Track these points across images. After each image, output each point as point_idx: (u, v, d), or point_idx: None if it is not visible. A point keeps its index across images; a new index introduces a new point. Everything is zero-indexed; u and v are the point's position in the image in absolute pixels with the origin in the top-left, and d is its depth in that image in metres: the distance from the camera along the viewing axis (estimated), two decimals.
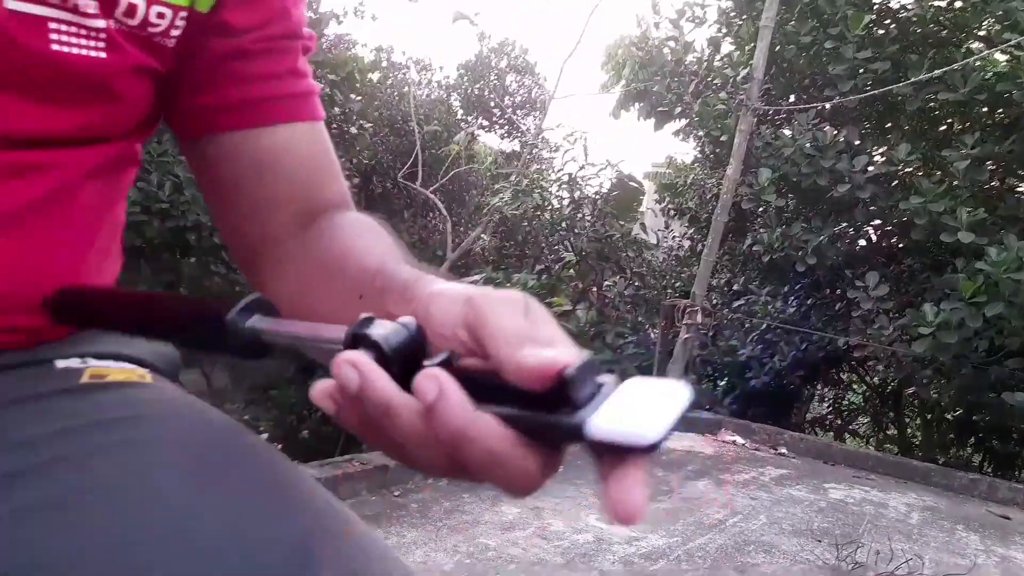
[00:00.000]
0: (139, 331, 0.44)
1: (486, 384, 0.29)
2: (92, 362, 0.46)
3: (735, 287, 6.03)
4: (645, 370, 5.17)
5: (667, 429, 0.24)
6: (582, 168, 6.45)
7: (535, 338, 0.30)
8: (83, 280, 0.48)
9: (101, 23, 0.43)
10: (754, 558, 2.34)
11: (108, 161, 0.48)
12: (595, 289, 5.96)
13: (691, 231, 6.82)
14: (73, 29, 0.42)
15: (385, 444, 0.32)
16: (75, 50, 0.42)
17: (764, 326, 5.43)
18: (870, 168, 4.71)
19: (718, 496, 2.97)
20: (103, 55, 0.43)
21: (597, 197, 6.27)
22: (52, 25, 0.41)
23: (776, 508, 2.87)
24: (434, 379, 0.29)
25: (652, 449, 0.24)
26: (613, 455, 0.25)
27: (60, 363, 0.45)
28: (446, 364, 0.30)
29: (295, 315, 0.48)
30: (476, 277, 5.98)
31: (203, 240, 3.54)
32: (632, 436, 0.23)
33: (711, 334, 5.71)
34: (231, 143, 0.51)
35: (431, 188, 6.51)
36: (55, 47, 0.41)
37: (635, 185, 7.28)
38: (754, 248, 5.14)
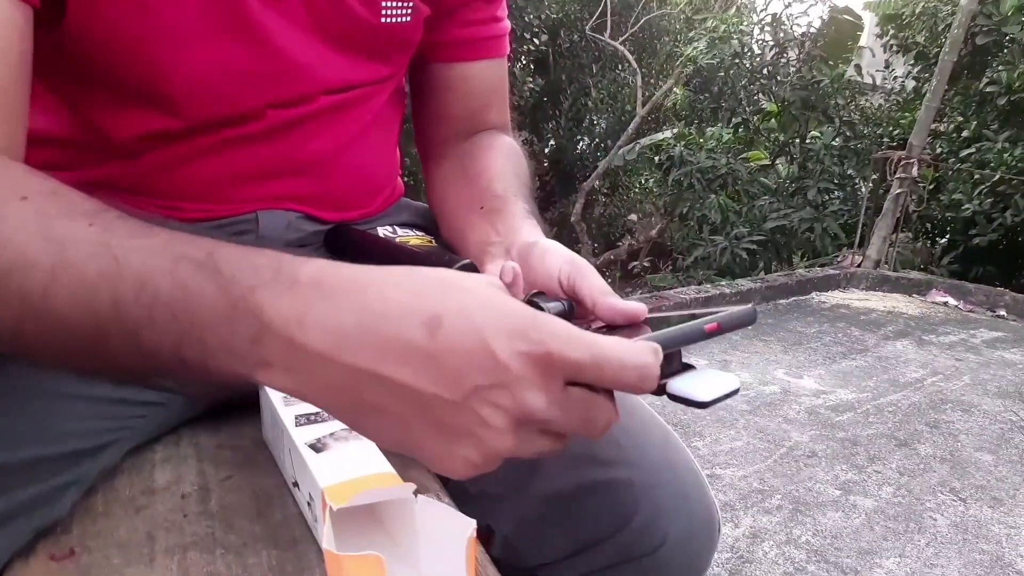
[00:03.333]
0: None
1: None
2: (399, 230, 0.67)
3: (965, 133, 5.37)
4: (849, 229, 4.91)
5: (715, 398, 0.35)
6: (788, 6, 5.89)
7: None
8: (394, 166, 0.71)
9: None
10: (949, 416, 2.33)
11: (398, 87, 0.68)
12: (798, 141, 5.61)
13: (917, 69, 6.05)
14: (393, 3, 0.59)
15: None
16: (395, 19, 0.59)
17: (997, 177, 4.86)
18: None
19: (917, 356, 2.91)
20: (409, 19, 0.60)
21: (805, 39, 5.74)
22: (384, 3, 0.58)
23: (983, 370, 2.77)
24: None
25: (702, 406, 0.35)
26: (677, 402, 0.37)
27: (380, 230, 0.67)
28: (569, 312, 0.45)
29: (437, 201, 0.66)
30: (667, 133, 5.86)
31: None
32: (691, 395, 0.35)
33: (932, 187, 5.22)
34: (435, 69, 0.67)
35: (620, 39, 6.32)
36: (384, 20, 0.59)
37: (851, 19, 6.52)
38: (987, 90, 4.51)
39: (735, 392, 0.35)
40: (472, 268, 0.48)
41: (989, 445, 2.14)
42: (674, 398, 0.35)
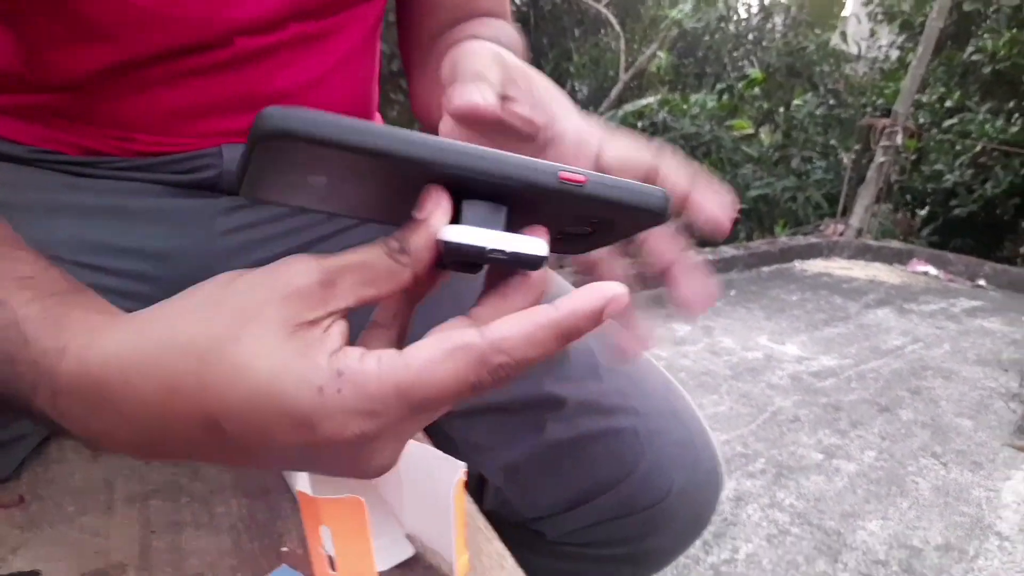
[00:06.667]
0: None
1: None
2: None
3: (948, 104, 5.37)
4: (831, 198, 4.91)
5: (493, 248, 0.25)
6: None
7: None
8: (372, 106, 0.63)
9: None
10: (930, 382, 2.34)
11: (379, 17, 0.60)
12: (782, 109, 5.57)
13: (902, 39, 6.02)
14: None
15: None
16: None
17: (978, 148, 4.87)
18: None
19: (898, 324, 2.92)
20: None
21: (791, 3, 5.68)
22: None
23: (963, 338, 2.78)
24: None
25: (478, 257, 0.26)
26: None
27: None
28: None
29: (414, 96, 0.57)
30: (650, 99, 5.79)
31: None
32: (446, 235, 0.26)
33: (914, 158, 5.22)
34: None
35: (603, 2, 6.21)
36: None
37: None
38: (974, 58, 4.50)
39: (526, 259, 0.26)
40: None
41: (969, 411, 2.15)
42: (448, 250, 0.26)
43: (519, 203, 0.26)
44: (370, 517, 0.38)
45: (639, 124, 5.33)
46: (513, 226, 0.26)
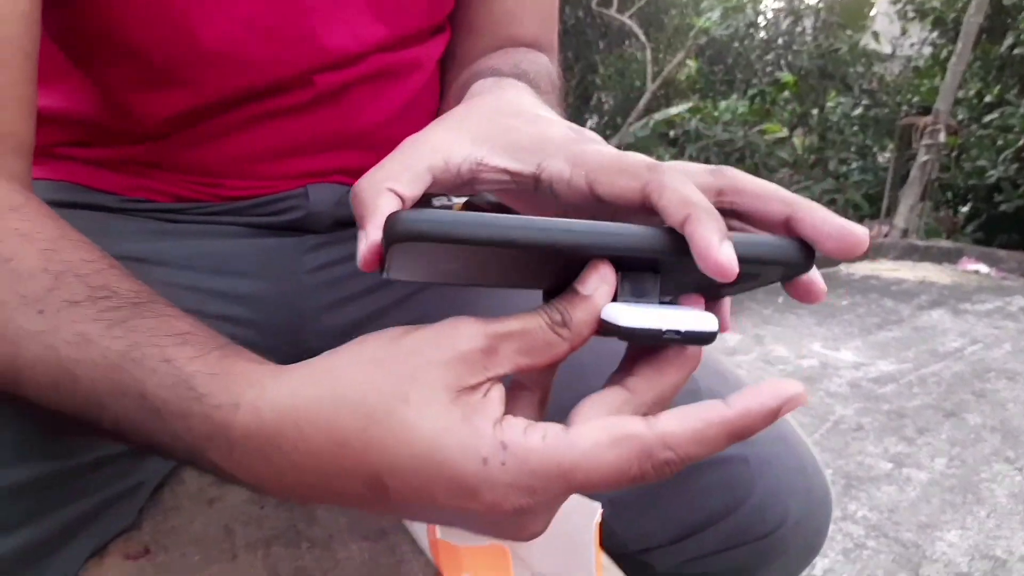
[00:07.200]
0: None
1: None
2: (454, 198, 0.60)
3: (987, 99, 5.24)
4: (870, 199, 4.82)
5: (644, 328, 0.25)
6: None
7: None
8: None
9: None
10: (994, 384, 2.26)
11: (446, 43, 0.59)
12: (816, 111, 5.50)
13: (934, 35, 5.91)
14: None
15: None
16: None
17: (1021, 142, 4.74)
18: None
19: (954, 325, 2.84)
20: None
21: (820, 5, 5.62)
22: None
23: (1023, 337, 2.70)
24: None
25: (622, 334, 0.25)
26: None
27: (434, 200, 0.59)
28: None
29: None
30: (680, 108, 5.75)
31: None
32: (615, 319, 0.26)
33: (955, 154, 5.11)
34: None
35: (627, 13, 6.20)
36: None
37: None
38: (1015, 51, 4.40)
39: (699, 336, 0.25)
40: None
41: None
42: (605, 328, 0.26)
43: (666, 268, 0.26)
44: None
45: (671, 133, 5.29)
46: (663, 289, 0.27)
